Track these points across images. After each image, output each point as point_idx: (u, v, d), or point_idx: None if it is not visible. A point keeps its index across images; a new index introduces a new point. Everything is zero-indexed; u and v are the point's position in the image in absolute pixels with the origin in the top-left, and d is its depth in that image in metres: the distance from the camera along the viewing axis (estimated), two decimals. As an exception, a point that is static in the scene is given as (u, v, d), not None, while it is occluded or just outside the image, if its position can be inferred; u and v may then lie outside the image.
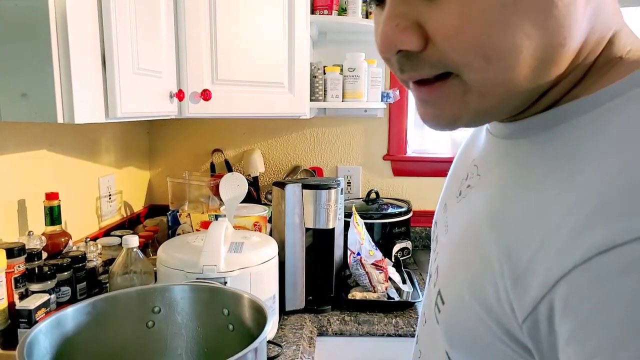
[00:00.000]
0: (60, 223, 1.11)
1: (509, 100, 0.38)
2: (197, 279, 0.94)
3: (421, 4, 0.36)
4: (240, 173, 1.78)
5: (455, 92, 0.37)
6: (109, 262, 1.16)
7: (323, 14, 1.50)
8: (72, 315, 0.70)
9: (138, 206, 1.73)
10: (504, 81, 0.36)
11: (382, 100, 1.63)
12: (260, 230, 1.39)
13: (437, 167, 1.84)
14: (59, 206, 1.10)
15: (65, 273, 1.02)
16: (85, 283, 1.08)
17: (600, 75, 0.37)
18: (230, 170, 1.79)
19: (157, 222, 1.61)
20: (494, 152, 0.46)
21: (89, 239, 1.20)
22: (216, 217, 1.40)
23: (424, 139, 1.92)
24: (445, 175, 0.61)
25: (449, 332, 0.43)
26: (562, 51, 0.35)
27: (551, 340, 0.32)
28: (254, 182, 1.77)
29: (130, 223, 1.60)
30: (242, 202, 1.36)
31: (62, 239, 1.11)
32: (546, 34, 0.34)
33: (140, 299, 0.78)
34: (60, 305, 0.99)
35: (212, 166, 1.81)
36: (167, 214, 1.49)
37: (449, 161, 0.66)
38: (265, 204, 1.64)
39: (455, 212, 0.50)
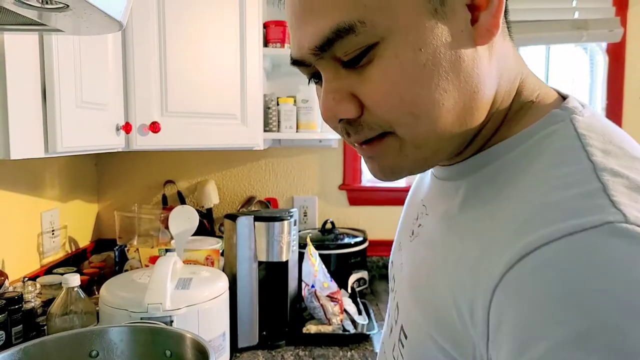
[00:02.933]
0: (-6, 262, 1.05)
1: (443, 148, 0.42)
2: (141, 318, 0.90)
3: (351, 76, 0.40)
4: (194, 205, 1.75)
5: (393, 147, 0.42)
6: (49, 302, 1.10)
7: (276, 46, 1.53)
8: (-3, 365, 0.65)
9: (84, 241, 1.66)
10: (433, 132, 0.40)
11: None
12: (212, 264, 1.36)
13: (392, 196, 1.86)
14: (-7, 244, 1.04)
15: (-2, 316, 0.95)
16: (21, 326, 1.02)
17: (519, 118, 0.42)
18: (183, 202, 1.75)
19: (104, 257, 1.55)
20: (438, 193, 0.50)
21: (27, 279, 1.14)
22: (166, 250, 1.35)
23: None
24: (401, 204, 0.64)
25: None
26: (478, 98, 0.40)
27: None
28: (207, 214, 1.74)
29: (75, 259, 1.53)
30: (196, 234, 1.32)
31: (-3, 280, 1.05)
32: (460, 86, 0.39)
33: (75, 343, 0.74)
34: (-9, 352, 0.93)
35: (165, 198, 1.77)
36: (114, 249, 1.43)
37: (404, 190, 0.69)
38: (219, 237, 1.61)
39: (410, 251, 0.53)
